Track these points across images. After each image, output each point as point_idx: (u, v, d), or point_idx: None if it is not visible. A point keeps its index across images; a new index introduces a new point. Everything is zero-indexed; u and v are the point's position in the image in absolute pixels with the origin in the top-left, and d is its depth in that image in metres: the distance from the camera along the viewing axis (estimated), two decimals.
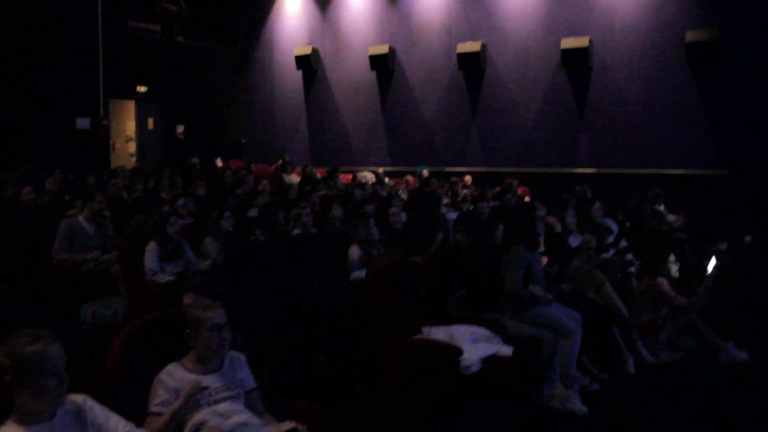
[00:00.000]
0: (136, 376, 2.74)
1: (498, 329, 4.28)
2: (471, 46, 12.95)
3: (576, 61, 11.97)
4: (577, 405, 4.30)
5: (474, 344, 4.03)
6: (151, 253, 5.46)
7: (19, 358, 2.18)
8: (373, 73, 14.39)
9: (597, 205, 6.26)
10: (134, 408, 2.63)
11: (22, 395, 2.20)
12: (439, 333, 4.17)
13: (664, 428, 4.15)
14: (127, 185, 9.71)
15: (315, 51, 15.16)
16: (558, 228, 5.78)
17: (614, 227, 6.44)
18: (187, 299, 3.44)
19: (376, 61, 14.12)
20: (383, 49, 14.02)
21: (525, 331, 4.44)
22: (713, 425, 4.23)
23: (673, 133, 11.34)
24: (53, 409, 2.26)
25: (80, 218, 6.33)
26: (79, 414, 2.32)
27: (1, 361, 2.19)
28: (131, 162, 15.10)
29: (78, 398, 2.36)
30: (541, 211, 5.62)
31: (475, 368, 3.84)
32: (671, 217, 9.17)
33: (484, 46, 12.98)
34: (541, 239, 5.06)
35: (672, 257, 6.12)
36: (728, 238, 8.45)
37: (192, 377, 2.73)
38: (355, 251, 5.54)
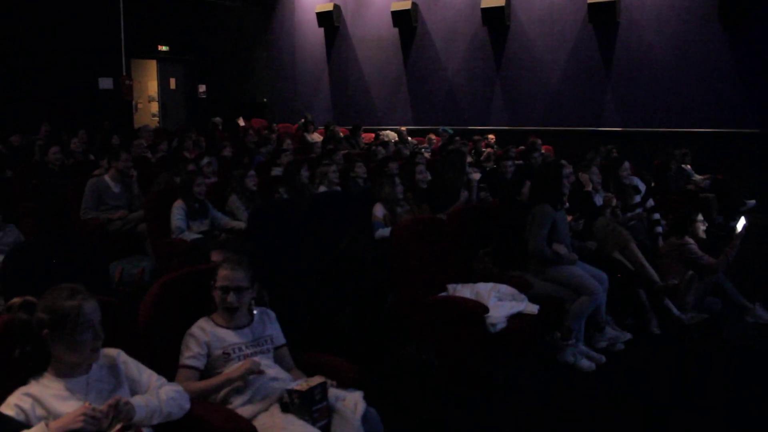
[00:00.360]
0: (167, 330, 2.78)
1: (523, 287, 4.27)
2: (495, 1, 12.68)
3: (603, 16, 11.69)
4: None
5: (499, 302, 4.04)
6: (178, 211, 5.50)
7: (56, 313, 2.22)
8: (396, 30, 14.20)
9: (626, 164, 6.16)
10: (166, 362, 2.68)
11: (59, 349, 2.24)
12: (464, 291, 4.18)
13: (688, 388, 4.15)
14: (150, 145, 9.77)
15: (337, 8, 14.97)
16: (589, 186, 5.72)
17: (641, 186, 6.36)
18: (215, 256, 3.47)
19: (398, 17, 13.92)
20: (406, 4, 13.80)
21: (549, 290, 4.44)
22: (739, 386, 4.22)
23: (702, 91, 11.07)
24: (89, 363, 2.31)
25: (106, 177, 6.39)
26: (113, 367, 2.37)
27: (40, 316, 2.24)
28: (154, 122, 15.15)
29: (112, 352, 2.41)
30: (568, 169, 5.56)
31: (501, 326, 3.85)
32: (698, 177, 9.06)
33: (508, 1, 12.72)
34: (565, 197, 5.01)
35: (699, 217, 6.05)
36: (757, 195, 8.33)
37: (222, 332, 2.77)
38: (379, 209, 5.53)
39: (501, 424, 3.64)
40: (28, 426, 2.08)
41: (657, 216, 6.19)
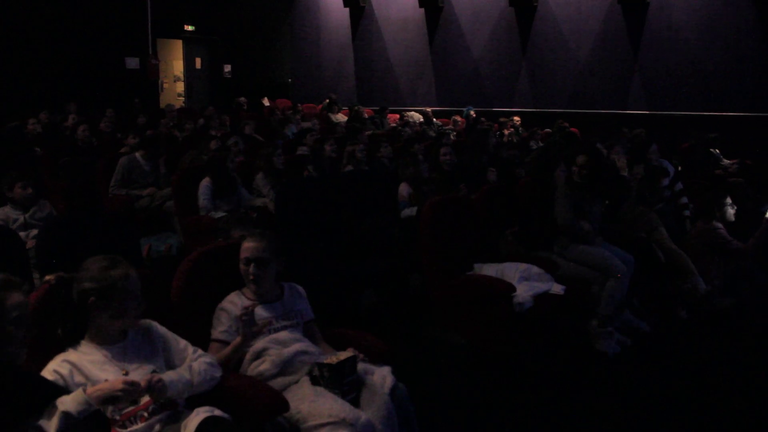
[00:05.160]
0: (199, 303, 2.82)
1: (550, 268, 4.26)
2: None
3: None
4: (606, 345, 4.31)
5: (526, 282, 4.03)
6: (204, 190, 5.53)
7: (104, 282, 2.28)
8: (422, 11, 14.11)
9: (654, 147, 6.08)
10: (197, 335, 2.72)
11: (103, 317, 2.30)
12: (490, 270, 4.17)
13: (714, 373, 4.13)
14: (176, 124, 9.86)
15: None
16: (624, 171, 5.65)
17: (671, 170, 6.29)
18: (236, 233, 3.52)
19: None
20: None
21: (576, 271, 4.43)
22: (766, 371, 4.19)
23: (732, 73, 10.88)
24: (128, 330, 2.37)
25: (138, 155, 6.49)
26: (148, 335, 2.43)
27: (86, 286, 2.29)
28: (179, 102, 15.23)
29: (145, 322, 2.46)
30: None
31: (527, 306, 3.85)
32: (727, 162, 8.93)
33: None
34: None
35: (729, 201, 5.98)
36: None
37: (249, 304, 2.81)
38: (405, 189, 5.54)
39: (526, 404, 3.65)
40: (67, 392, 2.13)
41: (685, 200, 6.13)
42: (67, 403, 2.04)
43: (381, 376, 2.63)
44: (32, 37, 12.31)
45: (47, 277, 2.50)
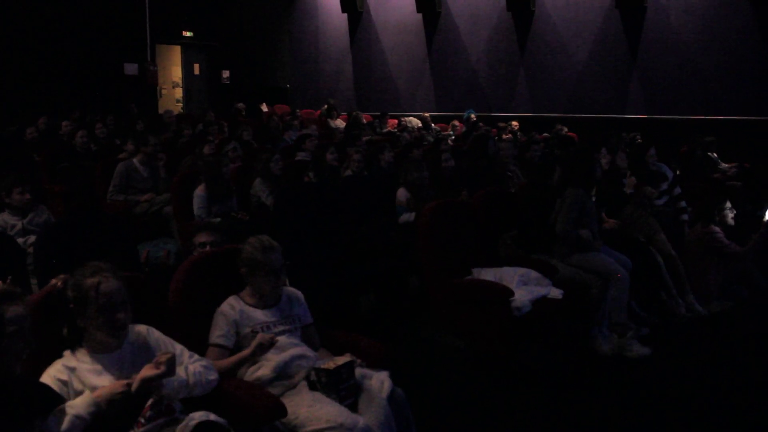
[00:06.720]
0: (197, 308, 2.81)
1: (548, 272, 4.26)
2: None
3: (630, 1, 11.54)
4: (636, 349, 4.31)
5: (524, 286, 4.03)
6: (199, 199, 5.45)
7: (78, 290, 2.28)
8: (419, 16, 14.13)
9: (652, 151, 6.08)
10: (195, 339, 2.71)
11: (89, 326, 2.30)
12: (488, 274, 4.18)
13: (712, 376, 4.13)
14: (175, 130, 9.87)
15: None
16: (630, 189, 5.64)
17: (669, 174, 6.29)
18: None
19: (422, 2, 13.86)
20: None
21: (574, 275, 4.42)
22: (764, 374, 4.18)
23: (730, 77, 10.90)
24: (118, 340, 2.34)
25: (135, 161, 6.48)
26: (144, 343, 2.41)
27: (68, 293, 2.30)
28: (178, 108, 15.23)
29: (142, 328, 2.45)
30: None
31: (526, 310, 3.85)
32: (725, 165, 8.95)
33: None
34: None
35: (728, 205, 5.99)
36: None
37: (250, 310, 2.80)
38: (402, 193, 5.52)
39: (524, 408, 3.64)
40: (67, 399, 2.13)
41: (683, 204, 6.13)
42: (77, 406, 2.06)
43: (379, 381, 2.62)
44: (31, 43, 12.33)
45: (53, 280, 2.51)
